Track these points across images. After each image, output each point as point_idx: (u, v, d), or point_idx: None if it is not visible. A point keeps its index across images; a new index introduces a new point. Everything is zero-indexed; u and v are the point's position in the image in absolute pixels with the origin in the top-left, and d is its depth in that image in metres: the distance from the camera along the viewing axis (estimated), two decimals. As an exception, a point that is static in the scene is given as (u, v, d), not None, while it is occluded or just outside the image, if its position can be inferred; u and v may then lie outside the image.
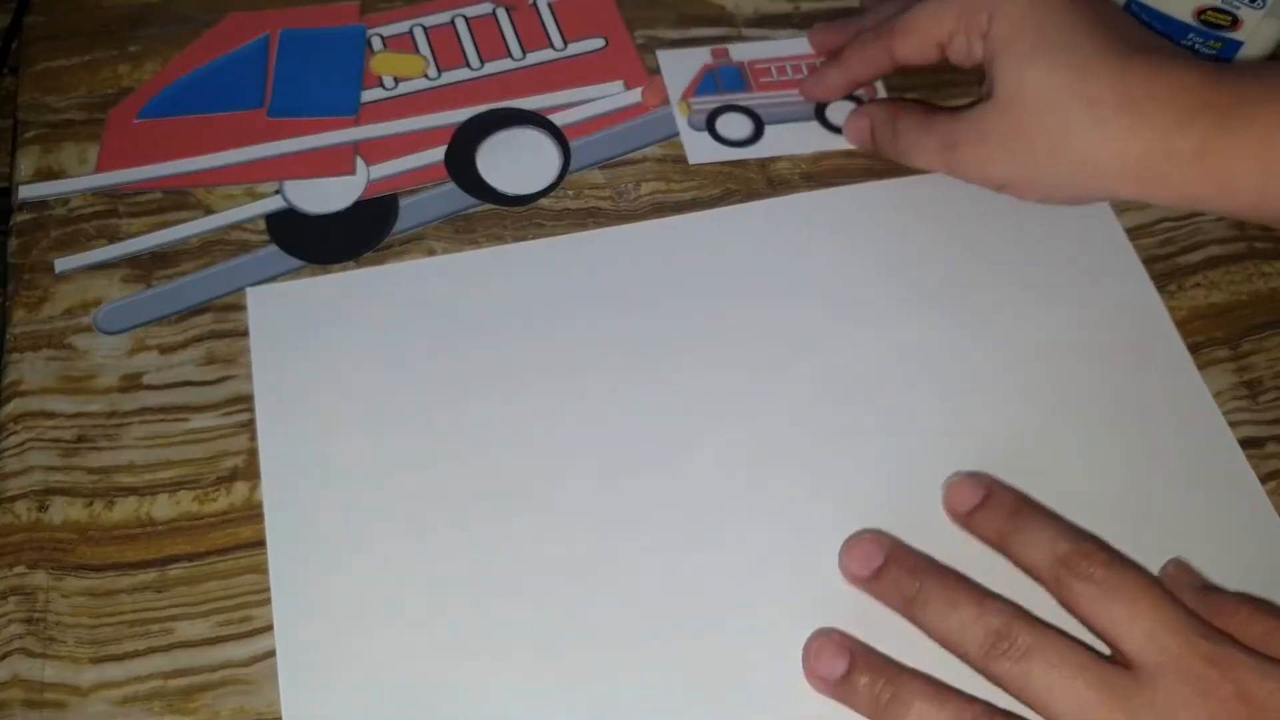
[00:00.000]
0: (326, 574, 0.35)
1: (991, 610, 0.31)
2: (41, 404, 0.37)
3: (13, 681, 0.33)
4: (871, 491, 0.36)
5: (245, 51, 0.45)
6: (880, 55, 0.43)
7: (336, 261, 0.40)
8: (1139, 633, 0.30)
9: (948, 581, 0.32)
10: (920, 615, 0.32)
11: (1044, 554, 0.32)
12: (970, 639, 0.31)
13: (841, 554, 0.34)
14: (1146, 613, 0.30)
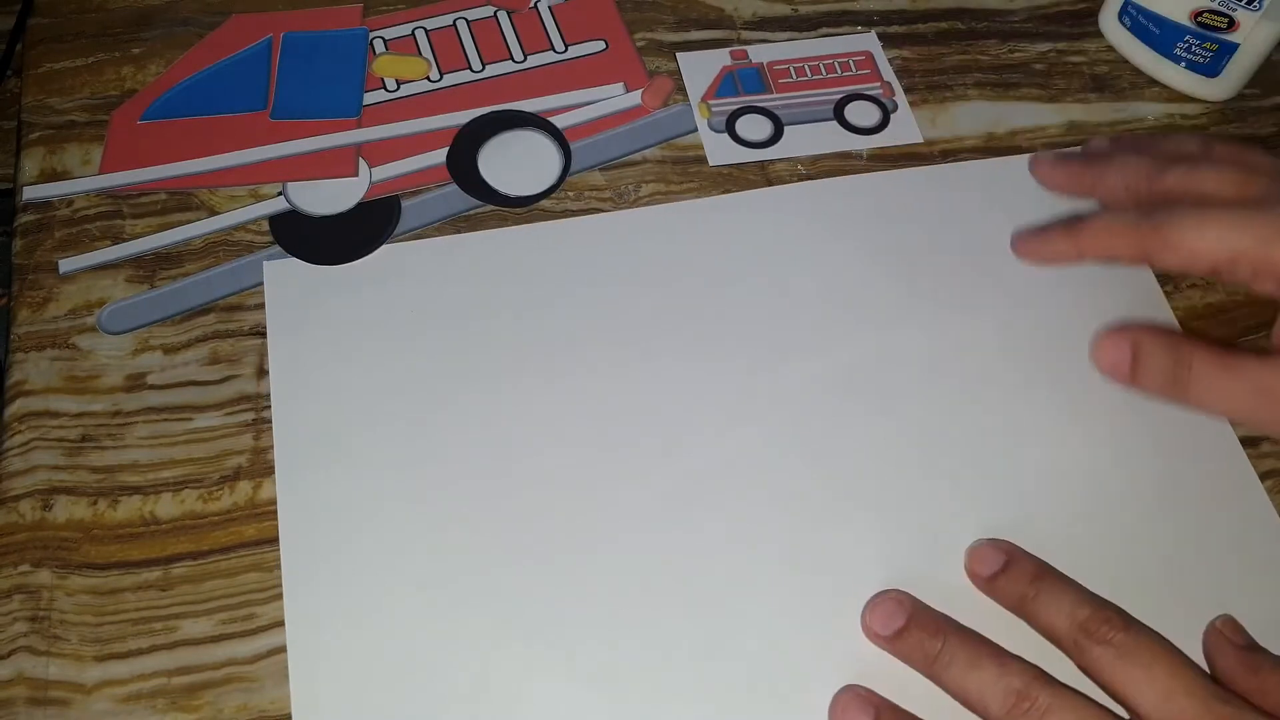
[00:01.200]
0: (338, 567, 0.35)
1: (1013, 670, 0.31)
2: (46, 404, 0.37)
3: (17, 679, 0.33)
4: (874, 479, 0.37)
5: (248, 54, 0.46)
6: (1130, 251, 0.36)
7: (339, 263, 0.41)
8: (1155, 694, 0.30)
9: (970, 642, 0.33)
10: (943, 675, 0.33)
11: (1064, 618, 0.32)
12: (991, 698, 0.31)
13: (864, 613, 0.34)
14: (1163, 675, 0.30)
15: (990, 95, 0.47)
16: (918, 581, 0.35)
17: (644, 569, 0.35)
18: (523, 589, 0.35)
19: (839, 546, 0.36)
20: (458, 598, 0.34)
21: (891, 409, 0.38)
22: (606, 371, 0.39)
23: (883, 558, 0.36)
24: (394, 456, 0.37)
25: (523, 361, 0.39)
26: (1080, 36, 0.49)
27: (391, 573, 0.35)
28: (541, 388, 0.38)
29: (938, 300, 0.41)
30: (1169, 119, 0.47)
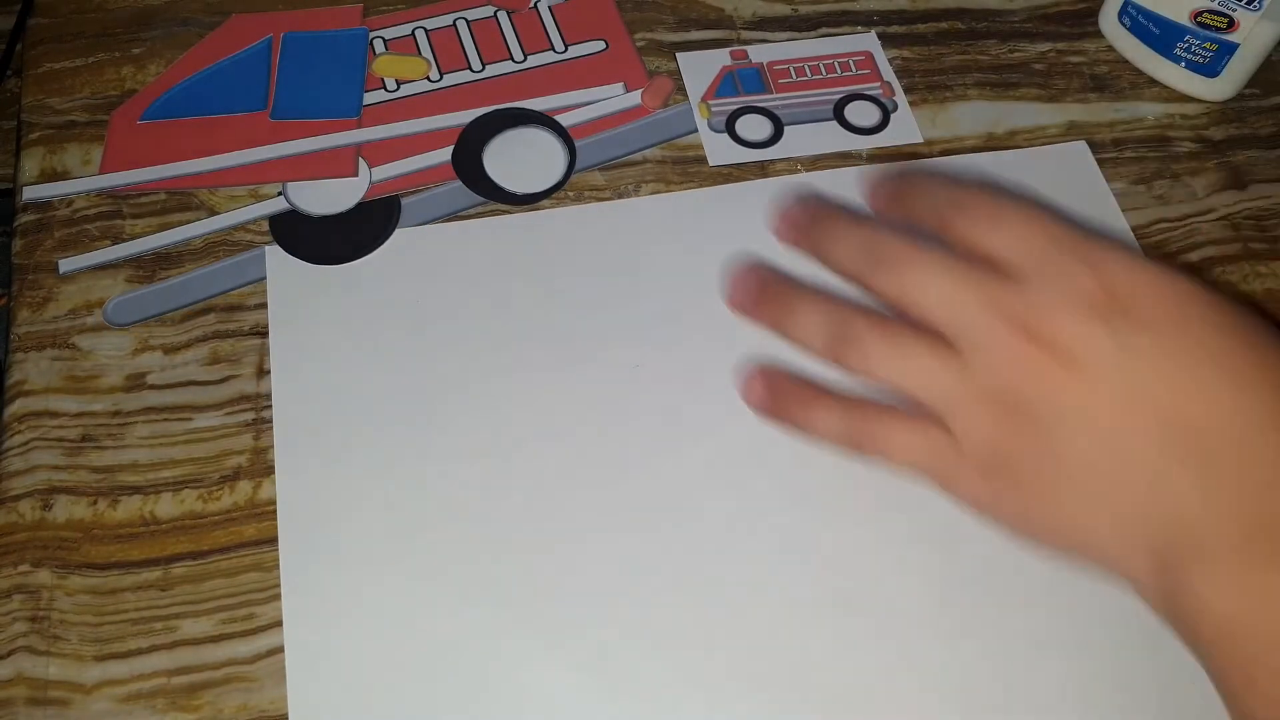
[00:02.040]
0: (337, 566, 0.35)
1: (838, 307, 0.32)
2: (46, 403, 0.37)
3: (17, 679, 0.33)
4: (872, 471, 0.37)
5: (249, 54, 0.46)
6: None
7: (339, 262, 0.41)
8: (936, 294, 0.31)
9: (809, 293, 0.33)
10: (792, 330, 0.33)
11: (850, 251, 0.32)
12: (816, 334, 0.32)
13: (726, 290, 0.35)
14: (935, 274, 0.31)
15: (990, 95, 0.47)
16: (917, 573, 0.35)
17: (643, 563, 0.35)
18: (522, 589, 0.35)
19: (837, 538, 0.36)
20: (457, 597, 0.34)
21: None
22: (604, 367, 0.39)
23: (881, 548, 0.36)
24: (393, 456, 0.37)
25: (521, 359, 0.39)
26: (1080, 36, 0.49)
27: (390, 572, 0.35)
28: (540, 386, 0.38)
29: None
30: (1169, 119, 0.47)
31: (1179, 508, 0.28)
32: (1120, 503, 0.28)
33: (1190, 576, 0.27)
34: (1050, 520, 0.30)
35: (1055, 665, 0.34)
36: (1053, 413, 0.29)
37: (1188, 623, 0.27)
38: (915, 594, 0.35)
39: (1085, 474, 0.29)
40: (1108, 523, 0.29)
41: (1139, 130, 0.47)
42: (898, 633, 0.34)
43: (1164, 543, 0.28)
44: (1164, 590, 0.28)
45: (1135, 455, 0.28)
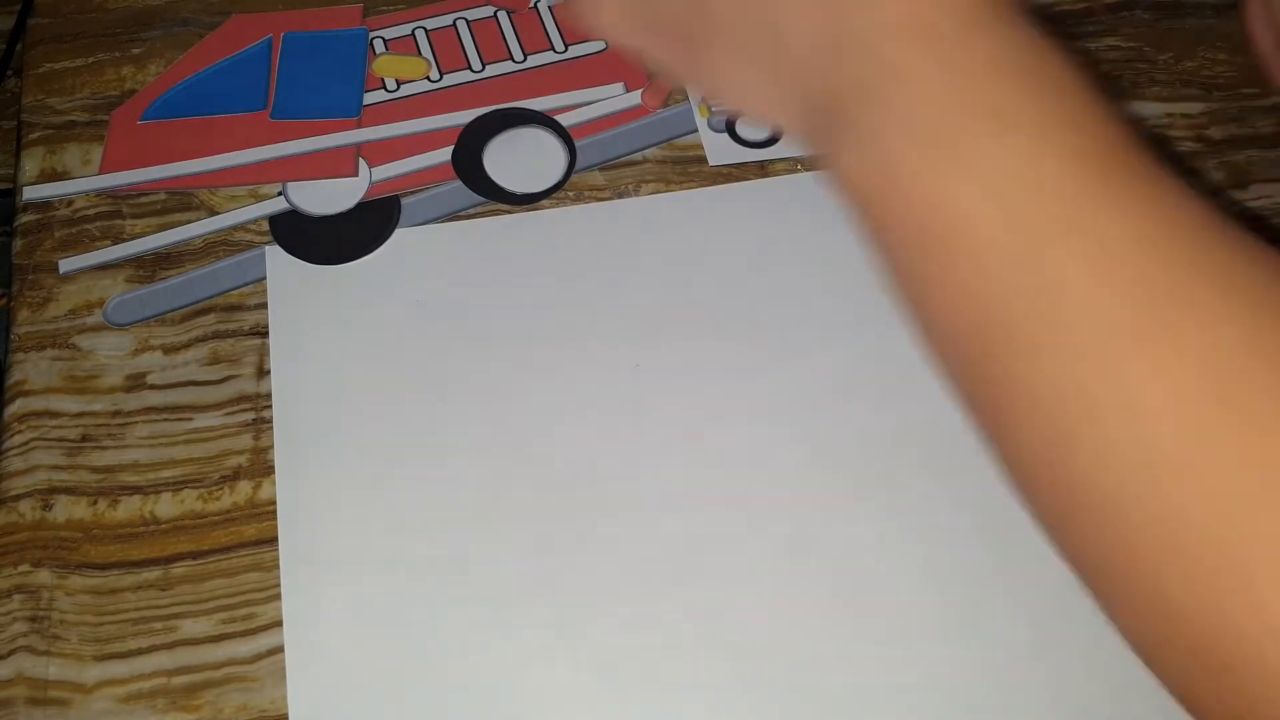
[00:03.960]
0: (337, 566, 0.35)
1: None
2: (46, 404, 0.37)
3: (17, 679, 0.33)
4: (876, 469, 0.37)
5: (249, 54, 0.46)
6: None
7: (339, 262, 0.41)
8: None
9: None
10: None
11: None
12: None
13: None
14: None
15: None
16: (918, 571, 0.35)
17: (644, 562, 0.35)
18: (522, 588, 0.35)
19: (840, 537, 0.36)
20: (456, 597, 0.34)
21: (893, 401, 0.38)
22: (605, 366, 0.39)
23: (884, 549, 0.36)
24: (393, 456, 0.37)
25: (521, 359, 0.39)
26: (1080, 36, 0.49)
27: (389, 572, 0.35)
28: (540, 386, 0.38)
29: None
30: (1169, 119, 0.47)
31: (821, 67, 0.25)
32: (771, 59, 0.27)
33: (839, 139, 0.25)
34: (717, 76, 0.29)
35: (1057, 666, 0.34)
36: (717, 31, 0.28)
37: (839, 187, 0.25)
38: (918, 595, 0.35)
39: (735, 30, 0.28)
40: (764, 80, 0.27)
41: (1139, 130, 0.47)
42: (900, 633, 0.34)
43: (814, 105, 0.26)
44: (820, 153, 0.26)
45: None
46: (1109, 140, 0.24)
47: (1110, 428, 0.20)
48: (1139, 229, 0.22)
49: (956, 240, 0.23)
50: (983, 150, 0.23)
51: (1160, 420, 0.20)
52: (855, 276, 0.41)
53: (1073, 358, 0.21)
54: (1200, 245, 0.21)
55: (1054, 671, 0.34)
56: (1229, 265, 0.21)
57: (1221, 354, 0.20)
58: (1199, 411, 0.20)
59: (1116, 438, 0.20)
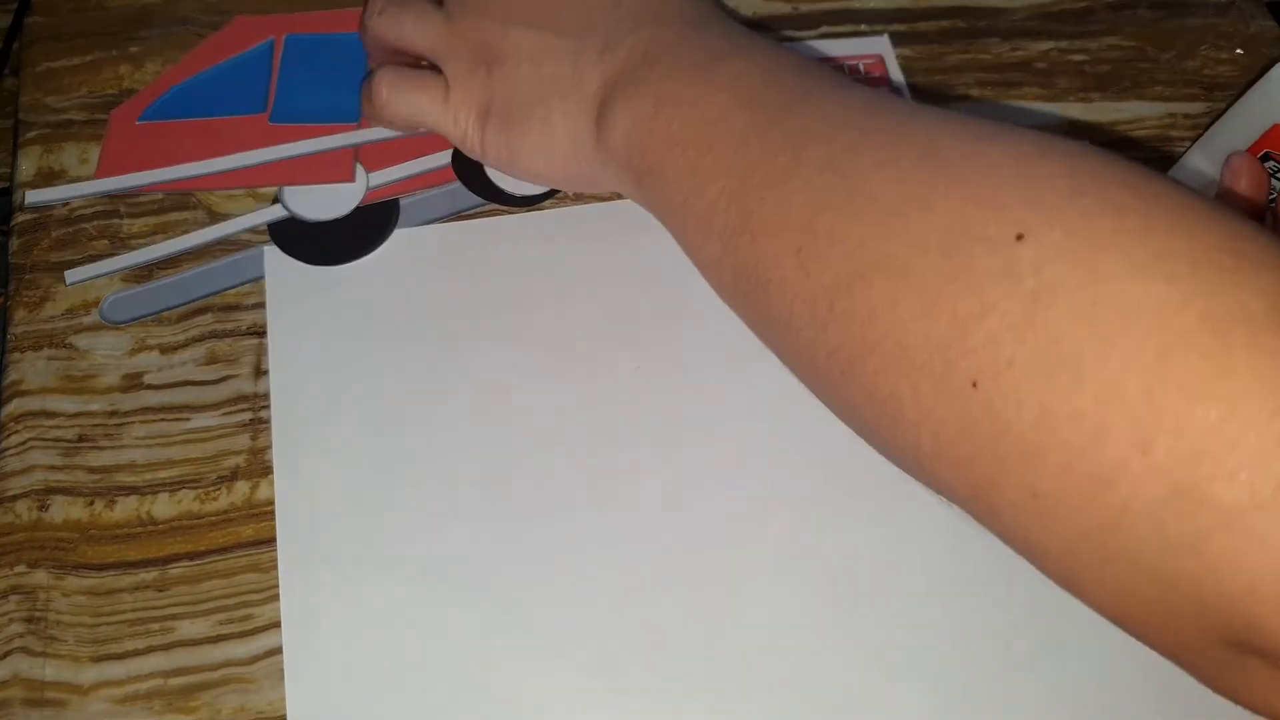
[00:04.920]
0: (335, 567, 0.35)
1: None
2: (42, 404, 0.37)
3: (13, 680, 0.33)
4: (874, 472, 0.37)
5: (250, 56, 0.45)
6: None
7: (338, 263, 0.40)
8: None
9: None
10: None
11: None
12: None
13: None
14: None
15: (991, 94, 0.47)
16: (919, 571, 0.35)
17: (643, 565, 0.35)
18: (522, 588, 0.35)
19: (838, 541, 0.36)
20: (456, 598, 0.34)
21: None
22: (606, 366, 0.39)
23: (884, 551, 0.35)
24: (391, 457, 0.37)
25: (521, 359, 0.39)
26: (1082, 35, 0.49)
27: (389, 573, 0.35)
28: (540, 386, 0.38)
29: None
30: (1170, 118, 0.47)
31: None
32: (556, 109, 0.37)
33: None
34: (524, 157, 0.38)
35: (1058, 668, 0.34)
36: (509, 49, 0.38)
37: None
38: (918, 597, 0.35)
39: (531, 103, 0.37)
40: (565, 149, 0.37)
41: (1141, 130, 0.47)
42: (900, 636, 0.34)
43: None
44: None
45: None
46: (801, 61, 0.34)
47: (840, 217, 0.28)
48: (838, 99, 0.31)
49: (713, 135, 0.32)
50: (728, 67, 0.33)
51: (883, 195, 0.27)
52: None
53: (815, 174, 0.29)
54: (877, 103, 0.31)
55: (1055, 672, 0.34)
56: (870, 105, 0.31)
57: (931, 145, 0.28)
58: (916, 181, 0.27)
59: (846, 219, 0.28)
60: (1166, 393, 0.22)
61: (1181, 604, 0.23)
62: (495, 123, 0.38)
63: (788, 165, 0.29)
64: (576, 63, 0.36)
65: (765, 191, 0.30)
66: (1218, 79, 0.48)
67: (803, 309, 0.29)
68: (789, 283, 0.29)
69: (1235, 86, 0.48)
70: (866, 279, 0.27)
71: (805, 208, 0.28)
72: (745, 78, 0.33)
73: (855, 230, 0.27)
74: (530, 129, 0.37)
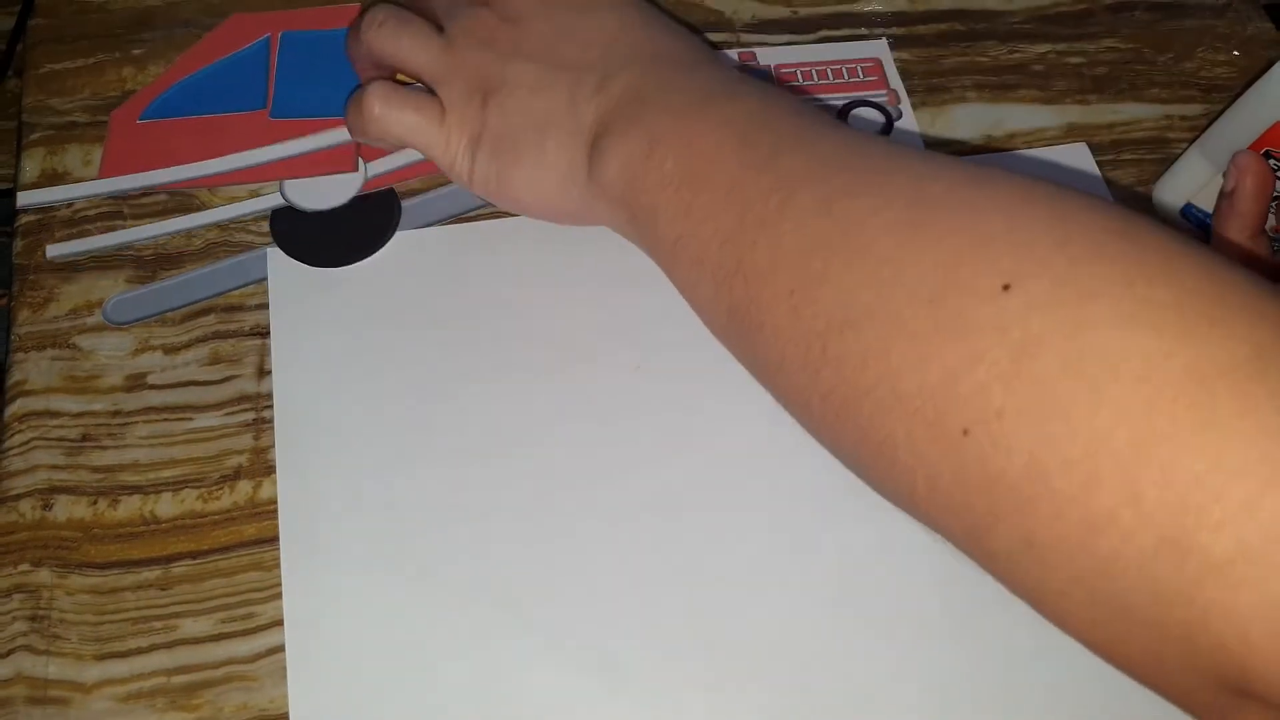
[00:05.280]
0: (338, 566, 0.35)
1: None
2: (46, 403, 0.37)
3: (16, 679, 0.33)
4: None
5: (247, 53, 0.46)
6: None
7: (340, 265, 0.41)
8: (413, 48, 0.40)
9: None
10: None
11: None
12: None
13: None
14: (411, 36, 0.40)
15: (989, 97, 0.47)
16: (919, 571, 0.35)
17: (645, 563, 0.35)
18: (523, 589, 0.35)
19: (840, 540, 0.36)
20: (457, 597, 0.34)
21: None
22: (606, 366, 0.39)
23: (884, 549, 0.36)
24: (394, 456, 0.37)
25: (521, 360, 0.39)
26: (1079, 38, 0.50)
27: (391, 572, 0.35)
28: (540, 387, 0.38)
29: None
30: (1167, 120, 0.47)
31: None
32: (557, 165, 0.37)
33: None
34: (513, 188, 0.38)
35: (1059, 668, 0.34)
36: (507, 80, 0.37)
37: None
38: (919, 595, 0.35)
39: (525, 134, 0.37)
40: (555, 182, 0.37)
41: (1138, 132, 0.47)
42: (901, 635, 0.34)
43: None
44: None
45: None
46: (793, 103, 0.34)
47: (834, 260, 0.28)
48: (830, 141, 0.31)
49: (708, 172, 0.32)
50: (721, 108, 0.33)
51: (877, 243, 0.27)
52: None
53: (811, 216, 0.29)
54: (867, 145, 0.31)
55: (1056, 672, 0.34)
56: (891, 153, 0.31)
57: (920, 190, 0.28)
58: (906, 227, 0.27)
59: (841, 266, 0.28)
60: (1154, 444, 0.22)
61: (1176, 650, 0.23)
62: (487, 151, 0.37)
63: (780, 206, 0.29)
64: (572, 97, 0.36)
65: (758, 234, 0.30)
66: (1215, 81, 0.49)
67: (795, 352, 0.29)
68: (782, 327, 0.29)
69: (1232, 88, 0.48)
70: (858, 326, 0.27)
71: (798, 251, 0.29)
72: (738, 118, 0.33)
73: (847, 277, 0.27)
74: (522, 160, 0.37)
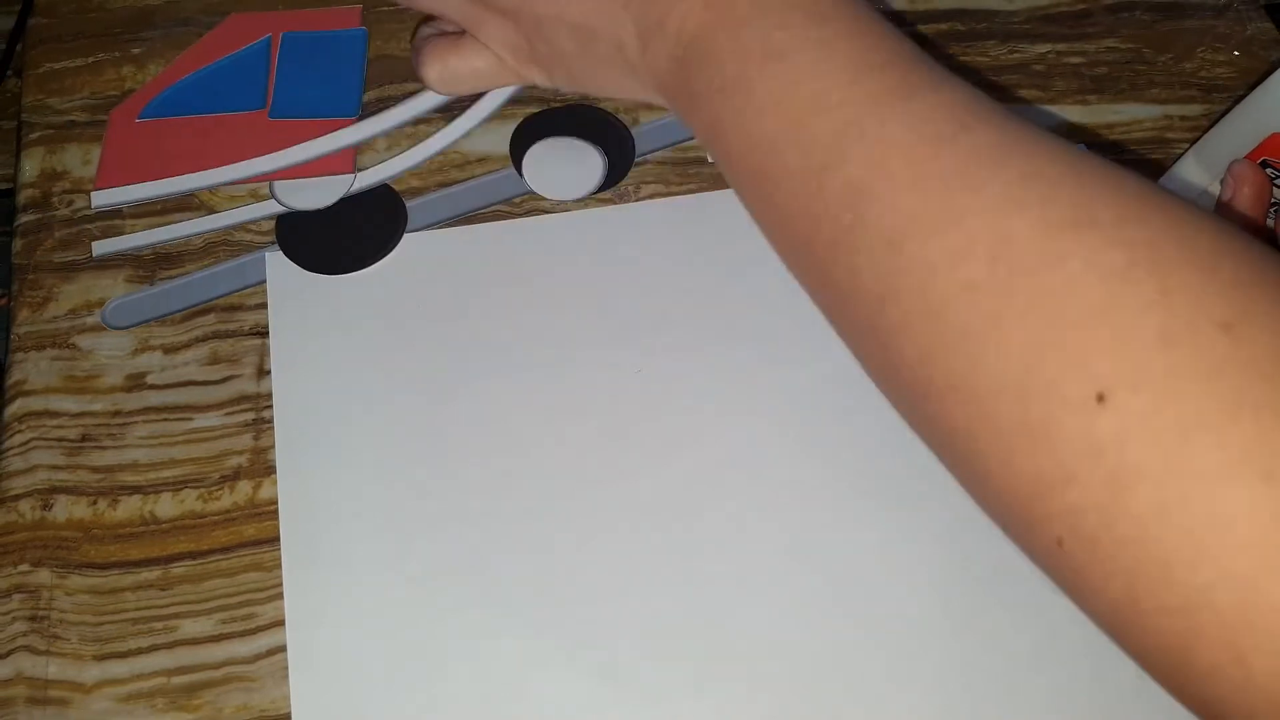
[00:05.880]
0: (338, 566, 0.35)
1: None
2: (46, 403, 0.37)
3: (17, 679, 0.33)
4: (876, 474, 0.37)
5: (247, 53, 0.46)
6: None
7: (345, 271, 0.40)
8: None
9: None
10: None
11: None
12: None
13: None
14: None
15: (989, 96, 0.47)
16: (919, 572, 0.35)
17: (645, 565, 0.35)
18: (523, 590, 0.35)
19: (840, 541, 0.36)
20: (458, 597, 0.34)
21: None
22: (608, 369, 0.39)
23: (884, 552, 0.36)
24: (395, 456, 0.37)
25: (522, 361, 0.39)
26: (1080, 38, 0.49)
27: (392, 572, 0.35)
28: (541, 386, 0.38)
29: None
30: (1167, 120, 0.47)
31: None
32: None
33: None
34: (581, 80, 0.34)
35: (1059, 668, 0.34)
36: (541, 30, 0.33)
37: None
38: (919, 596, 0.35)
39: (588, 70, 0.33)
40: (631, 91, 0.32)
41: (1138, 132, 0.47)
42: (901, 635, 0.34)
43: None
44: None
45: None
46: (885, 51, 0.27)
47: (912, 312, 0.24)
48: (920, 126, 0.25)
49: (768, 169, 0.27)
50: (769, 89, 0.27)
51: (955, 304, 0.23)
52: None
53: (881, 252, 0.25)
54: (979, 133, 0.25)
55: (1055, 673, 0.34)
56: (1005, 148, 0.25)
57: (1005, 237, 0.23)
58: (990, 292, 0.23)
59: (919, 319, 0.24)
60: (1263, 613, 0.20)
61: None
62: (559, 79, 0.35)
63: (851, 225, 0.25)
64: (620, 44, 0.31)
65: (835, 252, 0.26)
66: (1215, 81, 0.49)
67: (898, 401, 0.27)
68: (870, 369, 0.27)
69: (1233, 88, 0.48)
70: (942, 397, 0.24)
71: (874, 295, 0.25)
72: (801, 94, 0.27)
73: (925, 336, 0.24)
74: (593, 83, 0.34)
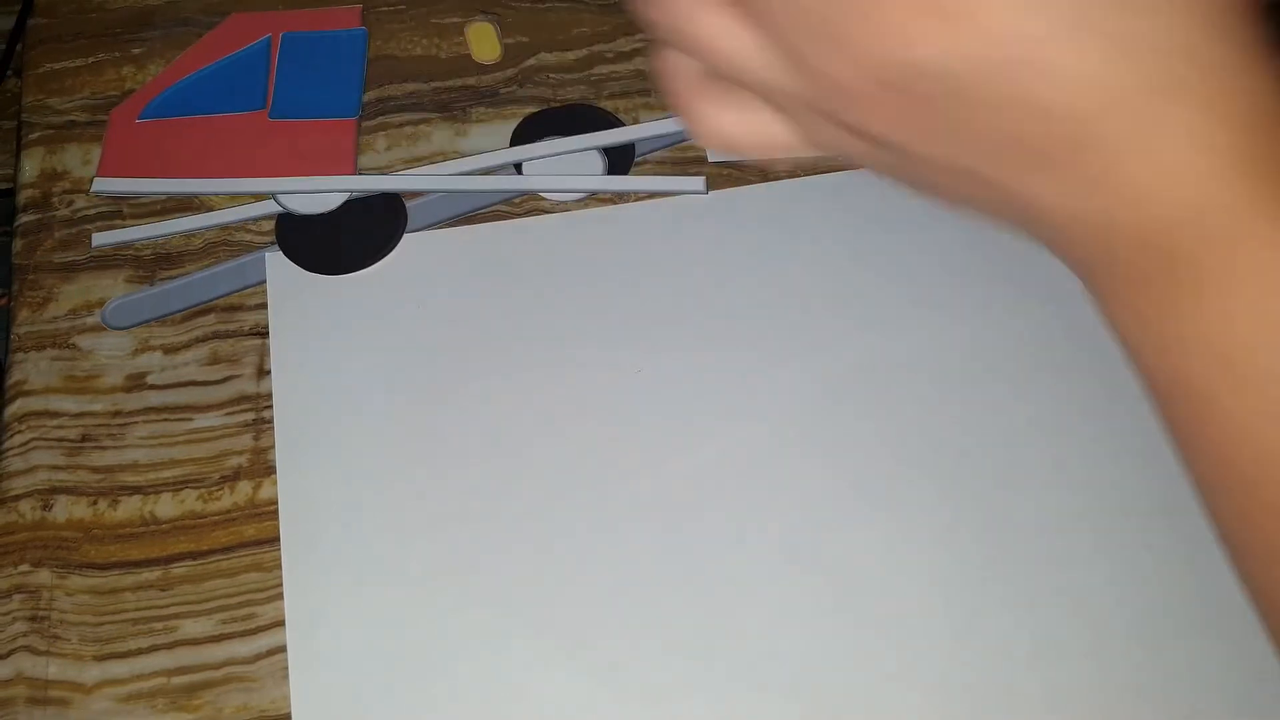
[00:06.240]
0: (339, 566, 0.35)
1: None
2: (46, 404, 0.37)
3: (17, 679, 0.33)
4: (876, 475, 0.37)
5: (247, 53, 0.46)
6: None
7: (345, 272, 0.40)
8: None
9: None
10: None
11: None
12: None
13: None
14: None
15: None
16: (919, 573, 0.35)
17: (645, 565, 0.35)
18: (523, 587, 0.35)
19: (840, 542, 0.36)
20: (458, 597, 0.34)
21: (892, 406, 0.38)
22: (607, 369, 0.39)
23: (884, 553, 0.36)
24: (395, 457, 0.37)
25: (522, 361, 0.39)
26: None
27: (392, 572, 0.35)
28: (541, 386, 0.38)
29: (939, 298, 0.41)
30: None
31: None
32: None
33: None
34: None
35: (1058, 669, 0.34)
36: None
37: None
38: (919, 597, 0.35)
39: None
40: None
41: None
42: (902, 636, 0.34)
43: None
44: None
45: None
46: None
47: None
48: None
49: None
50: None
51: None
52: (856, 280, 0.41)
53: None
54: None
55: (1055, 673, 0.34)
56: None
57: None
58: None
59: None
60: None
61: None
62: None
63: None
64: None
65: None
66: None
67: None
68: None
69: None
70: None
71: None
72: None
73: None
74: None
